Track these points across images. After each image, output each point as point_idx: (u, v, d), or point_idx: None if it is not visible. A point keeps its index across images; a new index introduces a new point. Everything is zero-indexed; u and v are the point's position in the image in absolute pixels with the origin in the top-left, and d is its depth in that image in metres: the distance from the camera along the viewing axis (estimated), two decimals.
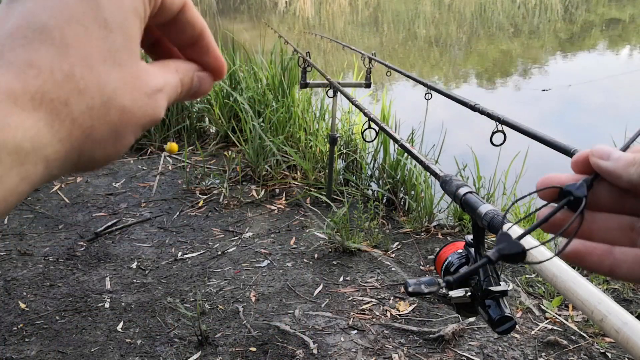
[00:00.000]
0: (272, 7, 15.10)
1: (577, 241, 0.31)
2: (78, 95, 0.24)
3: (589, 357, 1.92)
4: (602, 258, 0.30)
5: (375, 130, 1.50)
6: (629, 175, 0.29)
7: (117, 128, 0.26)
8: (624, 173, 0.30)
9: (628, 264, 0.30)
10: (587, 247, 0.30)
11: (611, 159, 0.30)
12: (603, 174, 0.31)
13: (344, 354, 1.95)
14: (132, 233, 2.86)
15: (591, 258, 0.30)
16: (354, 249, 2.59)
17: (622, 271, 0.30)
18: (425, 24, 11.95)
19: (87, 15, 0.25)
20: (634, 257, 0.30)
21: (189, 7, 0.31)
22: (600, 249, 0.30)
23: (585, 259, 0.30)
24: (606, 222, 0.31)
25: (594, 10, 12.38)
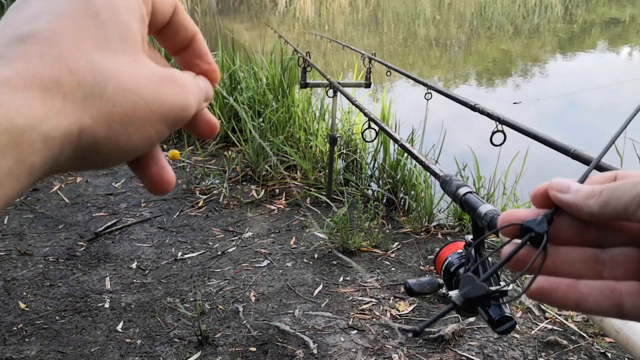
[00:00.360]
0: (272, 7, 15.10)
1: (542, 278, 0.30)
2: (69, 74, 0.24)
3: (589, 357, 1.92)
4: (568, 293, 0.30)
5: (375, 130, 1.49)
6: (590, 207, 0.29)
7: (122, 107, 0.25)
8: (584, 205, 0.29)
9: (594, 297, 0.29)
10: (552, 284, 0.30)
11: (570, 191, 0.30)
12: (563, 207, 0.31)
13: (344, 354, 1.95)
14: (132, 233, 2.86)
15: (557, 294, 0.30)
16: (353, 248, 2.59)
17: (588, 305, 0.29)
18: (425, 23, 11.95)
19: (78, 10, 0.26)
20: (600, 290, 0.29)
21: (180, 10, 0.31)
22: (565, 284, 0.30)
23: (551, 296, 0.30)
24: (570, 255, 0.31)
25: (594, 10, 12.38)
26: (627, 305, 0.29)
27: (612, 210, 0.28)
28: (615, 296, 0.29)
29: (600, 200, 0.29)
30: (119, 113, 0.25)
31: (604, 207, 0.29)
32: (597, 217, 0.29)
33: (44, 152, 0.23)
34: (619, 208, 0.28)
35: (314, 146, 3.49)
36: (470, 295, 0.27)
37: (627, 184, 0.28)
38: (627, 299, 0.29)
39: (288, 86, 3.82)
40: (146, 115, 0.26)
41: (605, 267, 0.30)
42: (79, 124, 0.24)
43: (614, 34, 9.55)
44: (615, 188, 0.29)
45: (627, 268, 0.30)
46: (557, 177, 0.32)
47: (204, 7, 14.45)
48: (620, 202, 0.28)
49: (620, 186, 0.28)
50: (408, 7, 14.39)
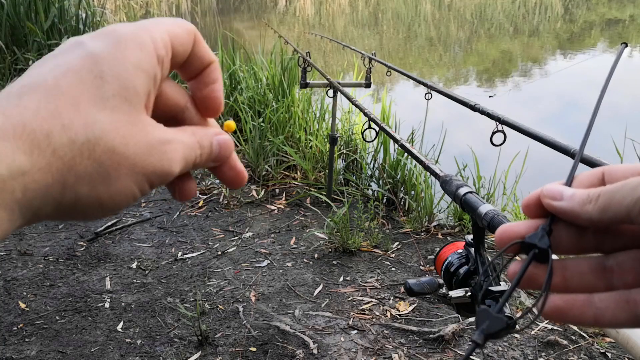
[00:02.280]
0: (272, 7, 15.10)
1: (556, 296, 0.29)
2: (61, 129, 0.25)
3: (589, 357, 1.92)
4: (584, 310, 0.29)
5: (375, 130, 1.50)
6: (588, 214, 0.28)
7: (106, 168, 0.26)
8: (581, 212, 0.28)
9: (611, 310, 0.28)
10: (567, 302, 0.29)
11: (565, 198, 0.29)
12: (559, 215, 0.29)
13: (344, 354, 1.95)
14: (132, 233, 2.86)
15: (573, 312, 0.29)
16: (354, 248, 2.59)
17: (606, 319, 0.28)
18: (425, 23, 11.95)
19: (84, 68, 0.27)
20: (616, 303, 0.28)
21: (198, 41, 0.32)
22: (580, 300, 0.29)
23: (568, 315, 0.29)
24: (578, 267, 0.30)
25: (594, 10, 12.38)
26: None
27: (614, 215, 0.27)
28: (631, 307, 0.28)
29: (598, 205, 0.28)
30: (103, 174, 0.26)
31: (603, 212, 0.28)
32: (596, 222, 0.28)
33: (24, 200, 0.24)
34: (620, 212, 0.27)
35: (314, 146, 3.49)
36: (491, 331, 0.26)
37: (627, 186, 0.27)
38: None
39: (288, 86, 3.82)
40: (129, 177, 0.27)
41: (613, 275, 0.29)
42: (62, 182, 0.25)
43: (614, 34, 9.55)
44: (614, 191, 0.28)
45: (636, 273, 0.29)
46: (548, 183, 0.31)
47: (204, 7, 14.45)
48: (621, 207, 0.27)
49: (619, 189, 0.27)
50: (408, 7, 14.39)
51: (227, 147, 0.33)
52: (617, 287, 0.29)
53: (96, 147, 0.26)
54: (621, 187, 0.27)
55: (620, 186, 0.27)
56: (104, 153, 0.26)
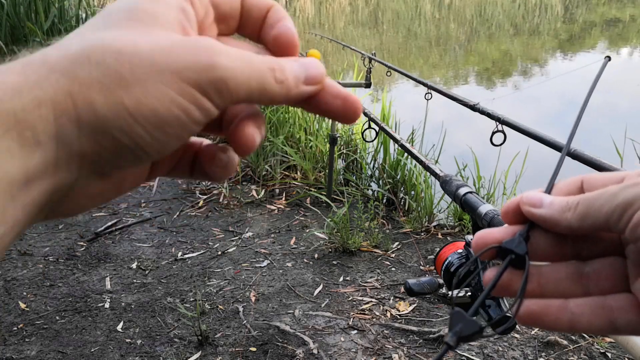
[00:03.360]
0: None
1: (531, 301, 0.29)
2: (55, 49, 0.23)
3: (589, 357, 1.92)
4: (559, 315, 0.29)
5: (375, 130, 1.50)
6: (567, 221, 0.28)
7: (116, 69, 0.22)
8: (561, 219, 0.28)
9: (586, 316, 0.28)
10: (542, 307, 0.29)
11: (544, 205, 0.29)
12: (539, 222, 0.30)
13: (344, 354, 1.95)
14: (132, 233, 2.86)
15: (548, 318, 0.29)
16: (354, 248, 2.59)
17: (581, 325, 0.28)
18: (425, 23, 11.95)
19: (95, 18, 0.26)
20: (591, 308, 0.28)
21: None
22: (555, 305, 0.29)
23: (542, 319, 0.29)
24: (554, 273, 0.30)
25: (594, 10, 12.38)
26: (619, 321, 0.28)
27: (592, 222, 0.27)
28: (606, 313, 0.28)
29: (577, 213, 0.28)
30: (112, 73, 0.22)
31: (582, 219, 0.28)
32: (575, 230, 0.28)
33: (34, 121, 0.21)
34: (599, 220, 0.27)
35: (314, 146, 3.49)
36: (464, 334, 0.27)
37: (605, 194, 0.27)
38: (619, 314, 0.28)
39: None
40: (150, 73, 0.23)
41: (590, 282, 0.29)
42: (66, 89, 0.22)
43: (614, 34, 9.55)
44: (593, 199, 0.28)
45: (612, 280, 0.29)
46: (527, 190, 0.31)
47: None
48: (600, 214, 0.27)
49: (598, 197, 0.27)
50: (408, 7, 14.39)
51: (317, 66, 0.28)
52: (593, 294, 0.29)
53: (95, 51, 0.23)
54: (600, 195, 0.27)
55: (599, 194, 0.27)
56: (107, 55, 0.22)
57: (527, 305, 0.29)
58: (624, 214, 0.26)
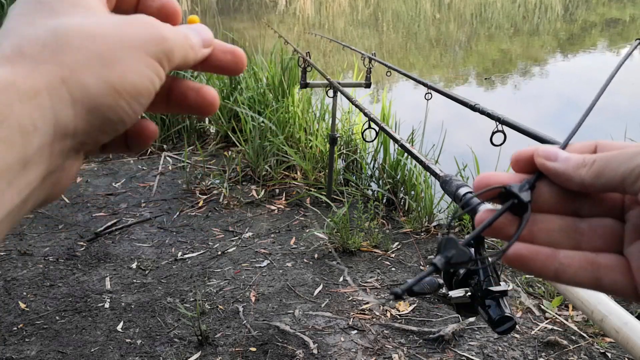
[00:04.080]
0: (272, 6, 15.10)
1: (521, 245, 0.29)
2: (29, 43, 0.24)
3: (589, 357, 1.92)
4: (547, 263, 0.29)
5: (375, 130, 1.49)
6: (580, 177, 0.28)
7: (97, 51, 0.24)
8: (574, 175, 0.29)
9: (573, 268, 0.29)
10: (531, 252, 0.29)
11: (559, 160, 0.29)
12: (550, 176, 0.30)
13: (344, 354, 1.95)
14: (132, 233, 2.86)
15: (535, 263, 0.29)
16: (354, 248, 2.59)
17: (566, 276, 0.29)
18: (425, 23, 11.95)
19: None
20: (579, 262, 0.29)
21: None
22: (545, 253, 0.29)
23: (529, 264, 0.29)
24: (548, 223, 0.30)
25: (594, 10, 12.38)
26: (604, 280, 0.28)
27: (606, 181, 0.27)
28: (594, 269, 0.28)
29: (593, 170, 0.28)
30: (94, 56, 0.24)
31: (597, 177, 0.28)
32: (587, 187, 0.28)
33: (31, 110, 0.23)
34: (614, 180, 0.27)
35: (314, 146, 3.49)
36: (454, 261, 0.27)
37: (624, 154, 0.27)
38: (606, 273, 0.28)
39: (288, 86, 3.82)
40: (123, 51, 0.25)
41: (583, 237, 0.29)
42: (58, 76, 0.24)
43: (614, 34, 9.55)
44: (610, 158, 0.28)
45: (606, 240, 0.29)
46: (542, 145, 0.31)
47: (204, 7, 14.45)
48: (616, 174, 0.27)
49: (616, 156, 0.28)
50: (408, 7, 14.39)
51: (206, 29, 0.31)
52: (584, 249, 0.29)
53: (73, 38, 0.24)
54: (618, 155, 0.28)
55: (617, 154, 0.28)
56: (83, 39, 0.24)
57: (517, 247, 0.29)
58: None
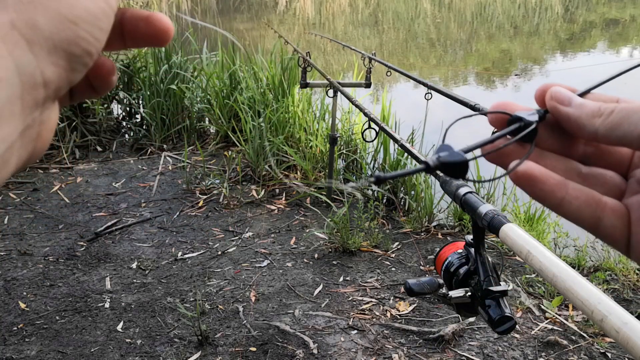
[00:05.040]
0: (272, 6, 15.10)
1: (534, 165, 0.28)
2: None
3: (589, 357, 1.91)
4: (555, 189, 0.27)
5: (375, 130, 1.49)
6: (594, 127, 0.27)
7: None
8: (587, 123, 0.27)
9: (579, 201, 0.27)
10: (543, 174, 0.28)
11: (573, 105, 0.28)
12: (562, 121, 0.28)
13: (344, 354, 1.95)
14: (132, 233, 2.86)
15: (544, 186, 0.27)
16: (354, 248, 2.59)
17: (571, 208, 0.27)
18: (425, 23, 11.95)
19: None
20: (587, 198, 0.27)
21: None
22: (555, 179, 0.28)
23: (538, 185, 0.28)
24: (555, 162, 0.29)
25: (594, 10, 12.38)
26: (604, 221, 0.27)
27: (622, 135, 0.26)
28: (597, 208, 0.27)
29: (610, 121, 0.26)
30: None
31: (612, 130, 0.26)
32: (599, 139, 0.27)
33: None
34: (632, 134, 0.26)
35: (314, 146, 3.49)
36: (446, 159, 0.25)
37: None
38: (608, 215, 0.27)
39: (288, 86, 3.82)
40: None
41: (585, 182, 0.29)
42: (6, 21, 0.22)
43: (614, 34, 9.55)
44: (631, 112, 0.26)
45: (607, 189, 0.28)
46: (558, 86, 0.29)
47: (204, 7, 14.45)
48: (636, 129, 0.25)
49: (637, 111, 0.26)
50: (408, 7, 14.40)
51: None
52: None
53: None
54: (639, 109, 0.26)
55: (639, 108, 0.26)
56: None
57: (530, 166, 0.28)
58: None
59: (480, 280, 0.76)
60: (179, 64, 4.20)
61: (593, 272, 2.39)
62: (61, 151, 3.77)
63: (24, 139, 0.24)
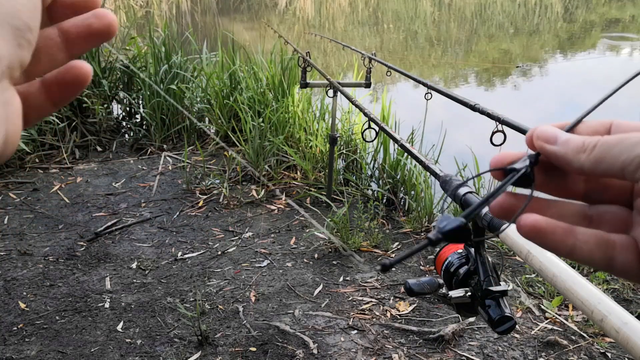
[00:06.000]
0: (272, 6, 15.10)
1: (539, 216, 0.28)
2: None
3: (589, 357, 1.91)
4: (565, 238, 0.28)
5: (375, 130, 1.49)
6: (580, 163, 0.27)
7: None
8: (574, 159, 0.28)
9: (590, 245, 0.28)
10: (550, 224, 0.28)
11: (558, 142, 0.28)
12: (551, 159, 0.29)
13: (344, 354, 1.95)
14: (132, 233, 2.86)
15: (553, 236, 0.28)
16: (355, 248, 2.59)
17: (583, 253, 0.28)
18: (425, 23, 11.95)
19: None
20: (596, 240, 0.28)
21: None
22: (563, 227, 0.28)
23: (547, 237, 0.28)
24: (561, 208, 0.30)
25: (594, 10, 12.38)
26: (618, 259, 0.28)
27: (607, 168, 0.27)
28: (609, 248, 0.28)
29: (593, 156, 0.27)
30: None
31: (597, 163, 0.27)
32: (587, 173, 0.28)
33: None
34: (614, 167, 0.26)
35: (314, 146, 3.49)
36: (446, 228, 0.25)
37: (626, 141, 0.26)
38: (620, 252, 0.28)
39: (288, 86, 3.82)
40: None
41: (591, 224, 0.29)
42: None
43: (614, 34, 9.55)
44: (612, 144, 0.27)
45: (614, 226, 0.29)
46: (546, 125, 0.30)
47: (204, 7, 14.44)
48: (617, 161, 0.26)
49: (617, 143, 0.27)
50: (408, 7, 14.40)
51: None
52: None
53: None
54: (620, 141, 0.27)
55: (619, 140, 0.27)
56: None
57: (535, 218, 0.28)
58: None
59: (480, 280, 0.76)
60: (179, 64, 4.20)
61: (593, 272, 2.39)
62: (61, 151, 3.77)
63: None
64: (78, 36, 0.29)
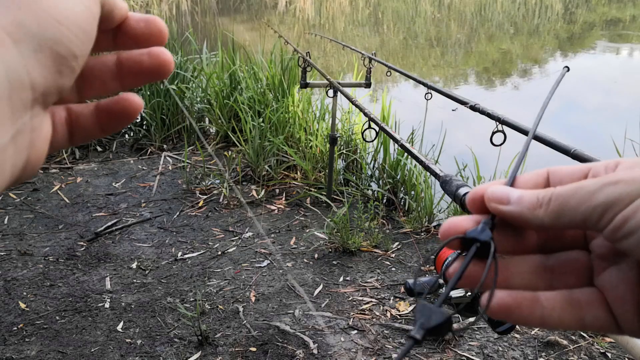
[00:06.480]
0: (272, 7, 15.10)
1: (504, 292, 0.27)
2: None
3: (589, 357, 1.92)
4: (532, 309, 0.27)
5: (375, 130, 1.49)
6: (539, 219, 0.27)
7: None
8: (531, 217, 0.27)
9: (557, 311, 0.27)
10: (515, 299, 0.27)
11: (512, 202, 0.27)
12: (507, 219, 0.28)
13: (344, 354, 1.95)
14: (132, 233, 2.86)
15: (521, 312, 0.27)
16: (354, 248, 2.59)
17: (553, 320, 0.27)
18: (425, 23, 11.95)
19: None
20: (561, 303, 0.27)
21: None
22: (528, 298, 0.27)
23: (515, 313, 0.27)
24: (519, 266, 0.29)
25: (594, 10, 12.39)
26: (587, 317, 0.27)
27: (569, 221, 0.26)
28: (576, 309, 0.27)
29: (551, 210, 0.26)
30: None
31: (557, 218, 0.26)
32: (548, 228, 0.27)
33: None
34: (576, 219, 0.25)
35: (314, 146, 3.49)
36: (430, 325, 0.25)
37: (581, 191, 0.25)
38: (587, 309, 0.27)
39: (288, 86, 3.82)
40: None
41: (554, 276, 0.28)
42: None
43: (614, 34, 9.55)
44: (568, 196, 0.26)
45: (577, 274, 0.28)
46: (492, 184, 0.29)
47: (204, 7, 14.45)
48: (577, 213, 0.25)
49: (573, 194, 0.26)
50: (408, 7, 14.40)
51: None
52: (558, 288, 0.28)
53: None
54: (575, 192, 0.26)
55: (574, 191, 0.26)
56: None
57: (501, 297, 0.27)
58: (604, 215, 0.24)
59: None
60: (179, 64, 4.20)
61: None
62: (61, 151, 3.77)
63: (17, 145, 0.23)
64: (130, 71, 0.29)
